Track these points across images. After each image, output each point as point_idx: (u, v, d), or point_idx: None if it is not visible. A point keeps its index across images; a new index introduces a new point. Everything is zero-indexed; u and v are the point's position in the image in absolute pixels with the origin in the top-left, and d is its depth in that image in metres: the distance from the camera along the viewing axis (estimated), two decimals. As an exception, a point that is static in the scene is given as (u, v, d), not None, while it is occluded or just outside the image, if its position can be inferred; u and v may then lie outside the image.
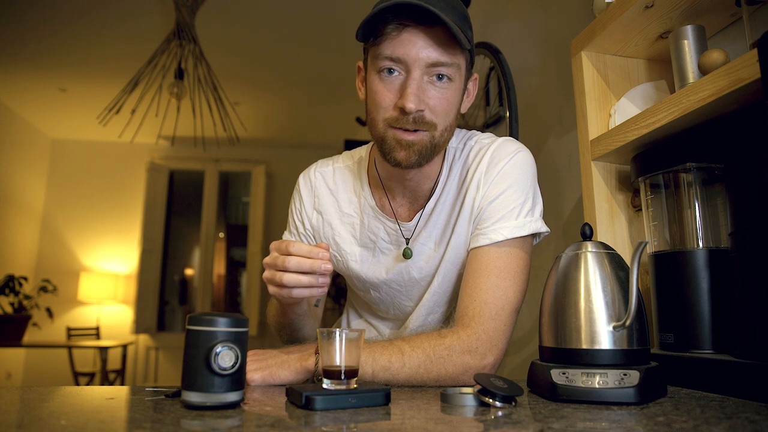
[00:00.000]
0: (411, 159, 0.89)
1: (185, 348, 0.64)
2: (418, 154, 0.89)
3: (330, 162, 1.13)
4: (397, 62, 0.86)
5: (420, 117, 0.87)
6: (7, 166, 5.19)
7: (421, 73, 0.86)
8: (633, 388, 0.67)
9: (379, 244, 1.04)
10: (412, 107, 0.85)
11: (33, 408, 0.65)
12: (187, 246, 8.20)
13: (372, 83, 0.90)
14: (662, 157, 0.98)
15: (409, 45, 0.85)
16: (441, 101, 0.88)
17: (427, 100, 0.87)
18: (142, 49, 3.76)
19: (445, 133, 0.91)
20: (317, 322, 1.11)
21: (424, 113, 0.87)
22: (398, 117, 0.87)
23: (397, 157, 0.90)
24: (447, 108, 0.89)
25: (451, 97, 0.90)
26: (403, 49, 0.85)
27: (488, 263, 0.91)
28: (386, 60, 0.87)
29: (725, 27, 1.09)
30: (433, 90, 0.87)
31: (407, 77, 0.86)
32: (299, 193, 1.12)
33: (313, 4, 3.60)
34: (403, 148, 0.89)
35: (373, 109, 0.91)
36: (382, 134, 0.90)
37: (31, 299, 4.56)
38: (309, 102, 5.24)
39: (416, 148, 0.89)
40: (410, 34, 0.85)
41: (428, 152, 0.90)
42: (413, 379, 0.83)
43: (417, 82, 0.86)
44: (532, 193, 0.96)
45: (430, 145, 0.90)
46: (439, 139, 0.91)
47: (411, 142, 0.88)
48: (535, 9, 2.08)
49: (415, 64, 0.85)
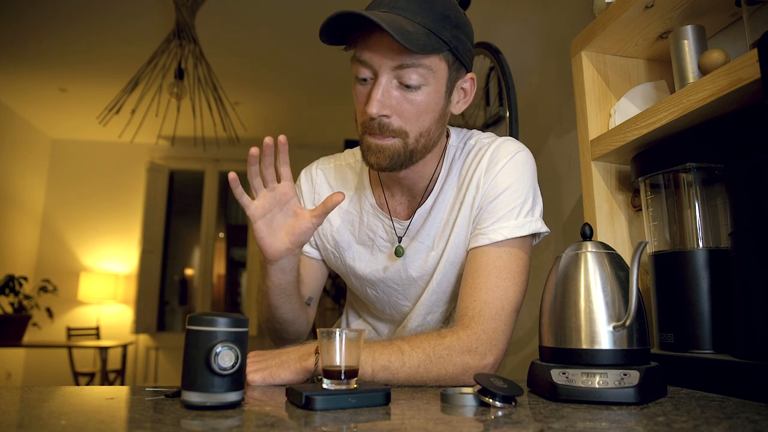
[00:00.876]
0: (382, 163, 0.89)
1: (185, 348, 0.64)
2: (389, 159, 0.89)
3: (332, 159, 1.13)
4: (366, 66, 0.86)
5: (385, 123, 0.87)
6: (7, 166, 5.19)
7: (388, 78, 0.86)
8: (633, 388, 0.67)
9: (378, 242, 1.04)
10: (373, 111, 0.85)
11: (33, 408, 0.65)
12: (187, 246, 8.20)
13: (353, 88, 0.92)
14: (662, 157, 0.98)
15: (375, 48, 0.85)
16: (410, 107, 0.87)
17: (396, 106, 0.86)
18: (142, 49, 3.76)
19: (421, 138, 0.90)
20: (308, 322, 1.11)
21: (391, 120, 0.87)
22: (367, 122, 0.88)
23: (369, 160, 0.90)
24: (417, 113, 0.88)
25: (423, 102, 0.87)
26: (370, 52, 0.85)
27: (488, 263, 0.91)
28: (357, 63, 0.87)
29: (725, 27, 1.09)
30: (401, 96, 0.86)
31: (374, 82, 0.87)
32: (300, 189, 1.12)
33: (313, 4, 3.60)
34: (373, 152, 0.89)
35: (356, 113, 0.93)
36: (360, 137, 0.92)
37: (31, 299, 4.56)
38: (309, 102, 5.24)
39: (387, 153, 0.89)
40: (377, 38, 0.84)
41: (402, 158, 0.90)
42: (413, 379, 0.83)
43: (382, 87, 0.85)
44: (532, 193, 0.96)
45: (404, 151, 0.89)
46: (414, 145, 0.90)
47: (380, 147, 0.89)
48: (535, 9, 2.08)
49: (381, 68, 0.85)
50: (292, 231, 0.90)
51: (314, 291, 1.14)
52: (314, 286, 1.14)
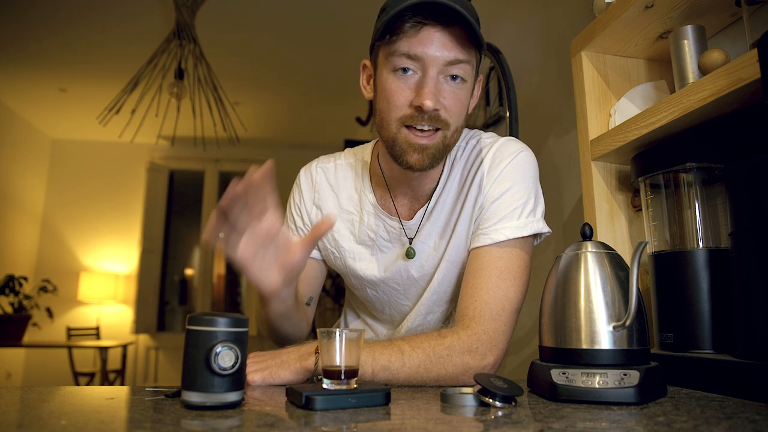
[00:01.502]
0: (424, 162, 0.89)
1: (185, 348, 0.64)
2: (431, 157, 0.89)
3: (332, 158, 1.12)
4: (414, 60, 0.86)
5: (436, 115, 0.87)
6: (7, 166, 5.19)
7: (437, 72, 0.86)
8: (633, 388, 0.67)
9: (378, 242, 1.04)
10: (429, 105, 0.84)
11: (33, 408, 0.65)
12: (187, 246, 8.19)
13: (385, 82, 0.89)
14: (662, 157, 0.98)
15: (427, 43, 0.85)
16: (455, 101, 0.88)
17: (443, 100, 0.87)
18: (142, 49, 3.76)
19: (456, 134, 0.91)
20: (308, 323, 1.10)
21: (440, 112, 0.87)
22: (413, 115, 0.87)
23: (409, 160, 0.89)
24: (460, 108, 0.89)
25: (464, 97, 0.90)
26: (421, 47, 0.85)
27: (489, 263, 0.91)
28: (403, 57, 0.86)
29: (725, 27, 1.09)
30: (447, 89, 0.87)
31: (423, 75, 0.86)
32: (299, 188, 1.11)
33: (313, 4, 3.60)
34: (416, 151, 0.88)
35: (386, 108, 0.90)
36: (394, 135, 0.89)
37: (31, 299, 4.56)
38: (309, 102, 5.24)
39: (430, 151, 0.89)
40: (428, 32, 0.84)
41: (440, 154, 0.90)
42: (413, 379, 0.83)
43: (434, 80, 0.86)
44: (534, 194, 0.96)
45: (443, 147, 0.90)
46: (450, 140, 0.91)
47: (425, 146, 0.88)
48: (535, 9, 2.08)
49: (433, 62, 0.85)
50: (284, 266, 0.83)
51: (314, 290, 1.14)
52: (314, 285, 1.14)
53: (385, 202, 1.04)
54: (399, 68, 0.87)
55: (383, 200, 1.04)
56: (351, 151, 1.12)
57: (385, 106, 0.90)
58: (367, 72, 0.98)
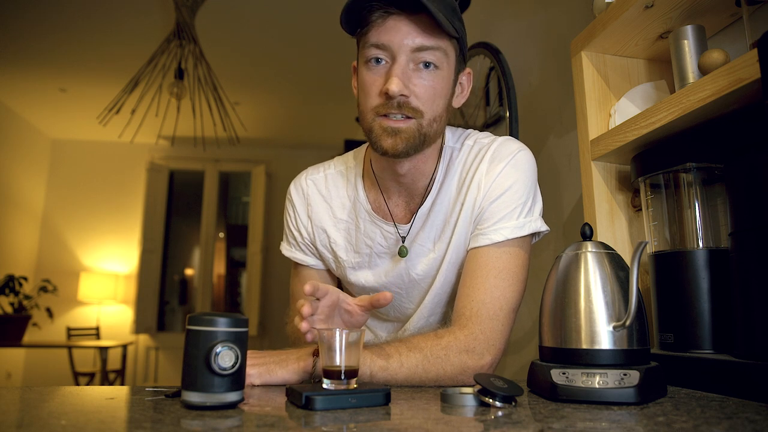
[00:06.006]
0: (398, 146, 0.88)
1: (185, 348, 0.64)
2: (405, 142, 0.88)
3: (321, 168, 1.11)
4: (382, 49, 0.87)
5: (404, 102, 0.87)
6: (7, 166, 5.19)
7: (406, 59, 0.86)
8: (633, 388, 0.67)
9: (376, 248, 1.03)
10: (395, 90, 0.84)
11: (33, 408, 0.65)
12: (187, 246, 8.20)
13: (361, 75, 0.91)
14: (662, 157, 0.98)
15: (393, 31, 0.86)
16: (427, 88, 0.88)
17: (413, 87, 0.87)
18: (142, 49, 3.76)
19: (433, 123, 0.90)
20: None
21: (410, 99, 0.87)
22: (384, 103, 0.87)
23: (383, 144, 0.88)
24: (433, 95, 0.89)
25: (438, 85, 0.89)
26: (388, 35, 0.86)
27: (487, 263, 0.91)
28: (372, 48, 0.87)
29: (725, 27, 1.09)
30: (418, 77, 0.87)
31: (392, 63, 0.87)
32: (291, 203, 1.10)
33: (313, 4, 3.60)
34: (389, 135, 0.88)
35: (363, 100, 0.91)
36: (370, 124, 0.90)
37: (31, 299, 4.56)
38: (309, 102, 5.23)
39: (403, 135, 0.88)
40: (395, 20, 0.86)
41: (416, 141, 0.89)
42: (411, 380, 0.83)
43: (402, 67, 0.86)
44: (532, 193, 0.96)
45: (418, 134, 0.89)
46: (427, 128, 0.90)
47: (397, 129, 0.88)
48: (535, 9, 2.08)
49: (400, 49, 0.86)
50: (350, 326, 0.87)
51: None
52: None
53: (379, 206, 1.03)
54: (371, 58, 0.88)
55: (377, 204, 1.03)
56: (340, 159, 1.11)
57: (362, 98, 0.91)
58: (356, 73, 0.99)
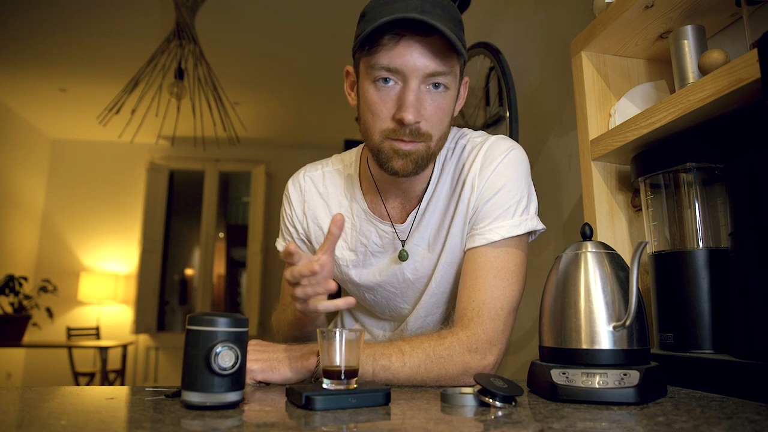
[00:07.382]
0: (408, 168, 0.89)
1: (185, 348, 0.64)
2: (414, 163, 0.88)
3: (319, 166, 1.11)
4: (394, 73, 0.85)
5: (416, 129, 0.86)
6: (7, 166, 5.19)
7: (418, 83, 0.85)
8: (633, 388, 0.67)
9: (371, 247, 1.04)
10: (410, 119, 0.84)
11: (33, 408, 0.65)
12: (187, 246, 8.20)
13: (367, 92, 0.88)
14: (662, 157, 0.98)
15: (406, 55, 0.83)
16: (437, 111, 0.87)
17: (424, 111, 0.86)
18: (142, 49, 3.76)
19: (440, 141, 0.91)
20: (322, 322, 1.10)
21: (420, 125, 0.86)
22: (396, 129, 0.86)
23: (394, 166, 0.88)
24: (442, 117, 0.89)
25: (446, 105, 0.89)
26: (401, 59, 0.84)
27: (485, 263, 0.91)
28: (382, 70, 0.85)
29: (725, 27, 1.09)
30: (429, 99, 0.86)
31: (404, 87, 0.85)
32: (288, 199, 1.10)
33: (313, 4, 3.60)
34: (400, 157, 0.88)
35: (369, 119, 0.89)
36: (378, 145, 0.89)
37: (31, 299, 4.56)
38: (309, 102, 5.23)
39: (413, 157, 0.88)
40: (407, 44, 0.83)
41: (424, 161, 0.90)
42: (413, 379, 0.83)
43: (415, 92, 0.84)
44: (527, 191, 0.96)
45: (426, 155, 0.89)
46: (435, 148, 0.90)
47: (408, 152, 0.87)
48: (535, 9, 2.08)
49: (413, 74, 0.84)
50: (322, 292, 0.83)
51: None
52: None
53: (376, 206, 1.03)
54: (379, 79, 0.86)
55: (374, 204, 1.03)
56: (338, 157, 1.11)
57: (369, 118, 0.89)
58: (351, 78, 0.97)
